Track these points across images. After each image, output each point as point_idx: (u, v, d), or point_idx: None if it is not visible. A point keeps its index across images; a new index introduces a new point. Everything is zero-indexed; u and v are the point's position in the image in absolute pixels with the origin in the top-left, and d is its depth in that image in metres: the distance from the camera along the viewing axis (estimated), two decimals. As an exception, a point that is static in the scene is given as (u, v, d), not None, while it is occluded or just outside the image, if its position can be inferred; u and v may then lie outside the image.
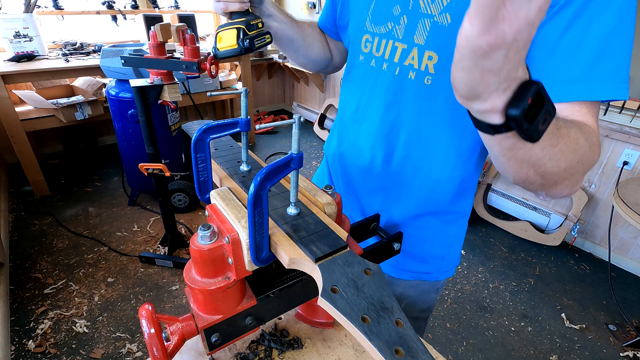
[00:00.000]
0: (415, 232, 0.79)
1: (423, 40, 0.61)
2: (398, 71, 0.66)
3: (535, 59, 0.51)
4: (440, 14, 0.57)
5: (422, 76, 0.63)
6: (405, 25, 0.62)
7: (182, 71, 1.59)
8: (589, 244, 2.50)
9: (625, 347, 1.83)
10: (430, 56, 0.61)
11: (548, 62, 0.50)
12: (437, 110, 0.65)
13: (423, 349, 0.34)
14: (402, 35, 0.63)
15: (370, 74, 0.72)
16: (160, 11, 3.33)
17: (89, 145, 3.38)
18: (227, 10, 0.68)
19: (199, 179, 0.60)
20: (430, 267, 0.85)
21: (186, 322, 0.54)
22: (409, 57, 0.63)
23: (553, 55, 0.50)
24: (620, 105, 2.06)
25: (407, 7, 0.62)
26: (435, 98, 0.64)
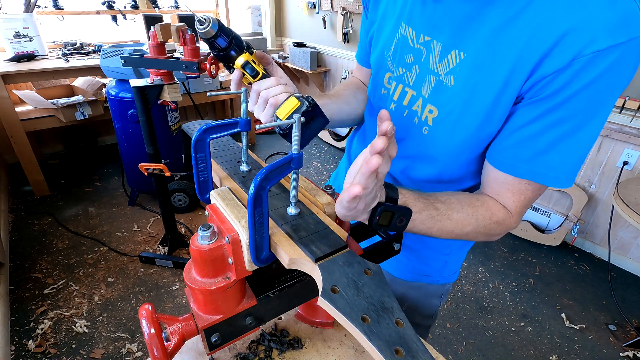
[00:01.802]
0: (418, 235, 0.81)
1: (427, 94, 0.65)
2: (406, 114, 0.70)
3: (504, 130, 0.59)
4: (446, 75, 0.61)
5: (422, 125, 0.67)
6: (416, 74, 0.66)
7: (182, 71, 1.59)
8: (589, 244, 2.50)
9: (625, 347, 1.83)
10: (431, 110, 0.65)
11: (506, 139, 0.59)
12: (429, 157, 0.69)
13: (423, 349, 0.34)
14: (413, 83, 0.67)
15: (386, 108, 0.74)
16: (160, 11, 3.33)
17: (89, 145, 3.38)
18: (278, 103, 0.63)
19: (199, 179, 0.60)
20: (431, 270, 0.86)
21: (186, 322, 0.54)
22: (416, 105, 0.67)
23: (514, 134, 0.57)
24: (620, 105, 2.06)
25: (419, 59, 0.65)
26: (428, 147, 0.68)
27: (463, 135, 0.62)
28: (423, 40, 0.64)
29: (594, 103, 0.51)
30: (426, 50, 0.63)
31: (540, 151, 0.55)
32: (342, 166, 0.99)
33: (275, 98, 0.63)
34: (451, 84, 0.61)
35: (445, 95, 0.62)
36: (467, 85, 0.59)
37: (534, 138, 0.55)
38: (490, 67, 0.56)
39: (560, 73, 0.50)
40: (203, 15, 0.62)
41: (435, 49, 0.62)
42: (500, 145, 0.60)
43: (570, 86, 0.50)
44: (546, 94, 0.52)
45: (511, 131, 0.58)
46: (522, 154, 0.57)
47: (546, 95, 0.52)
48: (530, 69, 0.52)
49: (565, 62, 0.49)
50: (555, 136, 0.54)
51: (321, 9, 3.68)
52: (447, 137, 0.64)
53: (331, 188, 0.61)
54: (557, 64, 0.50)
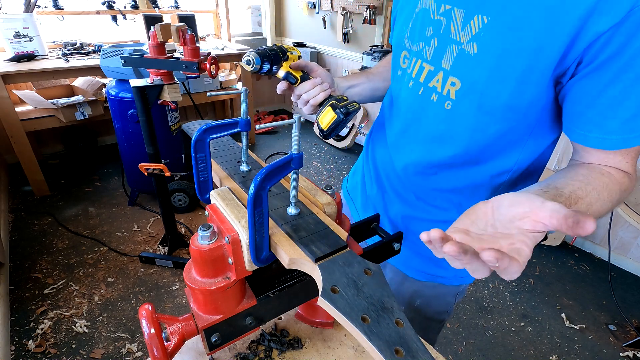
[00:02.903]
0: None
1: (449, 66, 0.61)
2: (422, 91, 0.67)
3: (571, 106, 0.55)
4: (468, 43, 0.58)
5: (443, 101, 0.64)
6: (435, 47, 0.63)
7: (182, 71, 1.59)
8: (589, 244, 2.50)
9: (625, 347, 1.83)
10: (454, 82, 0.61)
11: (585, 113, 0.54)
12: (452, 136, 0.66)
13: (423, 349, 0.34)
14: (431, 57, 0.64)
15: (401, 89, 0.73)
16: (160, 11, 3.33)
17: (89, 145, 3.38)
18: (317, 103, 0.74)
19: (199, 179, 0.60)
20: (444, 272, 0.84)
21: (186, 322, 0.54)
22: (434, 80, 0.64)
23: (591, 108, 0.52)
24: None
25: (438, 31, 0.62)
26: (453, 123, 0.64)
27: (491, 106, 0.59)
28: (444, 10, 0.60)
29: None
30: (446, 20, 0.60)
31: (630, 117, 0.51)
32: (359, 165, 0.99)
33: (314, 99, 0.74)
34: (474, 52, 0.57)
35: (467, 65, 0.59)
36: (492, 52, 0.55)
37: (617, 105, 0.51)
38: (517, 30, 0.52)
39: (620, 26, 0.46)
40: (246, 56, 0.71)
41: (457, 17, 0.59)
42: (579, 123, 0.55)
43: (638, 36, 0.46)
44: (611, 51, 0.48)
45: (586, 106, 0.53)
46: (608, 126, 0.52)
47: (612, 54, 0.48)
48: (575, 28, 0.48)
49: (623, 12, 0.45)
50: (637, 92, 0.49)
51: (321, 9, 3.68)
52: (473, 110, 0.61)
53: (331, 188, 0.61)
54: (614, 17, 0.46)
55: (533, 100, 0.57)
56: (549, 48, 0.51)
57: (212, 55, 1.60)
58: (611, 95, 0.51)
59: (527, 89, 0.55)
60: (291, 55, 0.77)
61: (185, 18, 2.67)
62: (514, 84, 0.55)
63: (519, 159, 0.67)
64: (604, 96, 0.51)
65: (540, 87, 0.55)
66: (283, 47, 0.76)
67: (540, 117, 0.61)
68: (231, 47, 3.39)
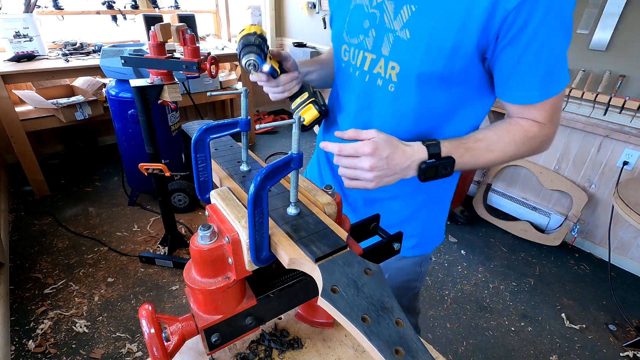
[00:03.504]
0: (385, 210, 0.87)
1: (388, 52, 0.69)
2: (368, 78, 0.75)
3: (499, 74, 0.66)
4: (402, 30, 0.66)
5: (387, 83, 0.72)
6: (373, 37, 0.71)
7: (182, 71, 1.59)
8: (589, 244, 2.50)
9: (625, 347, 1.83)
10: (394, 66, 0.69)
11: (510, 79, 0.65)
12: (401, 114, 0.74)
13: (423, 349, 0.34)
14: (371, 46, 0.72)
15: (347, 80, 0.81)
16: (160, 11, 3.33)
17: (89, 145, 3.38)
18: (291, 94, 0.84)
19: (199, 179, 0.60)
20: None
21: (186, 322, 0.54)
22: (377, 66, 0.72)
23: (514, 74, 0.64)
24: (620, 105, 2.06)
25: (374, 22, 0.70)
26: (399, 103, 0.73)
27: (428, 83, 0.68)
28: (376, 4, 0.69)
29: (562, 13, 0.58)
30: (380, 12, 0.69)
31: (544, 74, 0.63)
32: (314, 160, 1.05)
33: (290, 91, 0.83)
34: (407, 37, 0.66)
35: (403, 49, 0.67)
36: (422, 35, 0.64)
37: (534, 68, 0.62)
38: (441, 14, 0.61)
39: (522, 4, 0.56)
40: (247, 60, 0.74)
41: (389, 8, 0.67)
42: (506, 86, 0.66)
43: (537, 9, 0.56)
44: (519, 26, 0.58)
45: (509, 73, 0.64)
46: (530, 85, 0.64)
47: (520, 28, 0.58)
48: (489, 8, 0.57)
49: None
50: (549, 55, 0.61)
51: (321, 9, 3.68)
52: (413, 89, 0.69)
53: (331, 188, 0.61)
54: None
55: (463, 74, 0.66)
56: (470, 27, 0.60)
57: (212, 55, 1.60)
58: (526, 62, 0.61)
59: (456, 64, 0.64)
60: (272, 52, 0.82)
61: (185, 18, 2.67)
62: (445, 61, 0.64)
63: (460, 129, 0.76)
64: (522, 63, 0.62)
65: (468, 61, 0.64)
66: (263, 34, 0.77)
67: (471, 89, 0.71)
68: (231, 47, 3.39)
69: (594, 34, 2.09)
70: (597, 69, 2.14)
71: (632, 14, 1.95)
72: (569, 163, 2.43)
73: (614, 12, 1.99)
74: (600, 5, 2.03)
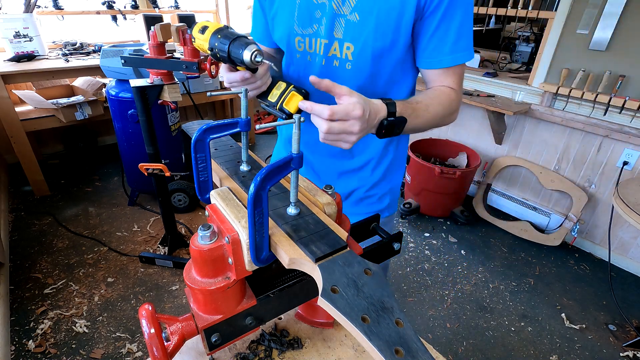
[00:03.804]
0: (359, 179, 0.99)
1: (341, 35, 0.78)
2: (324, 62, 0.82)
3: (420, 42, 0.78)
4: (351, 13, 0.76)
5: (344, 63, 0.81)
6: (325, 24, 0.79)
7: (182, 71, 1.59)
8: (589, 244, 2.50)
9: (625, 347, 1.83)
10: (349, 47, 0.79)
11: (429, 44, 0.78)
12: (358, 88, 0.78)
13: (423, 349, 0.34)
14: (325, 32, 0.80)
15: (304, 69, 0.87)
16: (160, 11, 3.33)
17: (89, 145, 3.38)
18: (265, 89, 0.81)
19: (199, 179, 0.60)
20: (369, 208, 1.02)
21: (186, 322, 0.54)
22: (332, 49, 0.80)
23: (431, 40, 0.77)
24: (620, 106, 2.06)
25: (324, 11, 0.78)
26: (356, 78, 0.81)
27: (379, 56, 0.78)
28: None
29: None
30: (328, 1, 0.77)
31: (453, 42, 0.76)
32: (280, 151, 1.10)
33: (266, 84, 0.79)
34: (357, 20, 0.76)
35: (355, 30, 0.77)
36: (370, 16, 0.74)
37: (445, 35, 0.76)
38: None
39: None
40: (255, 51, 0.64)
41: None
42: (426, 53, 0.79)
43: None
44: (437, 2, 0.72)
45: (428, 39, 0.77)
46: (443, 50, 0.77)
47: (437, 3, 0.72)
48: None
49: None
50: (457, 27, 0.75)
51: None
52: (368, 64, 0.79)
53: (331, 188, 0.61)
54: None
55: (405, 45, 0.78)
56: (407, 4, 0.72)
57: (212, 55, 1.60)
58: (441, 30, 0.75)
59: (400, 37, 0.76)
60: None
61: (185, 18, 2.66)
62: (392, 36, 0.76)
63: (400, 96, 0.88)
64: (437, 31, 0.75)
65: (408, 34, 0.76)
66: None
67: (410, 59, 0.83)
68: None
69: (594, 34, 2.09)
70: (597, 69, 2.14)
71: (632, 14, 1.95)
72: (569, 163, 2.43)
73: (614, 12, 1.99)
74: (600, 5, 2.03)
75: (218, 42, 0.67)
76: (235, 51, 0.65)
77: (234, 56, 0.65)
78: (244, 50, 0.63)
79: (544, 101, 2.40)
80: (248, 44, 0.64)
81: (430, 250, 2.44)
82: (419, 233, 2.60)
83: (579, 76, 2.18)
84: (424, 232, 2.61)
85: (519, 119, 2.57)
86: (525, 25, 2.85)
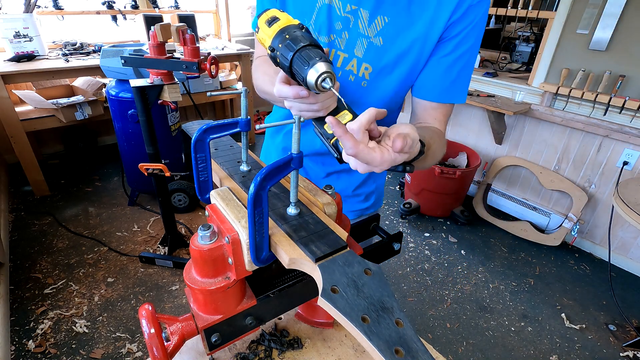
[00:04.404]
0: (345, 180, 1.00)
1: (361, 54, 0.78)
2: (340, 74, 0.81)
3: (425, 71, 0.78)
4: (375, 37, 0.75)
5: (360, 80, 0.80)
6: (346, 39, 0.78)
7: (182, 71, 1.59)
8: (589, 244, 2.50)
9: (625, 347, 1.83)
10: (367, 67, 0.79)
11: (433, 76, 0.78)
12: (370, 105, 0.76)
13: (423, 349, 0.34)
14: (344, 47, 0.79)
15: None
16: (160, 11, 3.33)
17: (89, 145, 3.38)
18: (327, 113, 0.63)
19: (199, 179, 0.60)
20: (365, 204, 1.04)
21: (186, 322, 0.54)
22: (349, 65, 0.79)
23: (436, 70, 0.77)
24: (620, 106, 2.06)
25: (348, 26, 0.76)
26: (369, 96, 0.82)
27: (396, 82, 0.79)
28: (350, 9, 0.75)
29: (477, 40, 0.75)
30: (354, 17, 0.75)
31: (454, 79, 0.77)
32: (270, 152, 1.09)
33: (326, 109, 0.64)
34: (381, 44, 0.75)
35: (376, 54, 0.77)
36: (394, 43, 0.75)
37: (449, 70, 0.76)
38: (409, 27, 0.73)
39: (462, 18, 0.71)
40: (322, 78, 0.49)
41: (364, 16, 0.75)
42: (427, 83, 0.79)
43: (467, 27, 0.72)
44: (453, 34, 0.73)
45: (433, 68, 0.77)
46: (444, 84, 0.77)
47: (453, 35, 0.73)
48: (445, 23, 0.71)
49: (464, 10, 0.70)
50: (461, 65, 0.76)
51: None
52: (383, 86, 0.80)
53: (331, 188, 0.61)
54: (460, 13, 0.70)
55: (418, 74, 0.79)
56: (431, 37, 0.73)
57: (212, 55, 1.60)
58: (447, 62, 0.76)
59: (418, 68, 0.77)
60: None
61: (185, 18, 2.67)
62: (410, 65, 0.76)
63: (397, 115, 0.92)
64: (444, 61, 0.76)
65: (424, 64, 0.77)
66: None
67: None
68: (231, 47, 3.39)
69: (594, 34, 2.09)
70: (597, 69, 2.14)
71: (632, 14, 1.95)
72: (569, 163, 2.43)
73: (614, 12, 1.99)
74: (600, 5, 2.03)
75: (282, 45, 0.51)
76: (299, 65, 0.50)
77: (295, 70, 0.51)
78: (310, 69, 0.49)
79: (544, 101, 2.40)
80: (317, 61, 0.49)
81: (430, 250, 2.44)
82: (419, 233, 2.60)
83: (579, 76, 2.18)
84: (424, 232, 2.61)
85: (519, 119, 2.57)
86: (525, 25, 2.85)
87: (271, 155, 1.08)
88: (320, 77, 0.49)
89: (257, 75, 0.85)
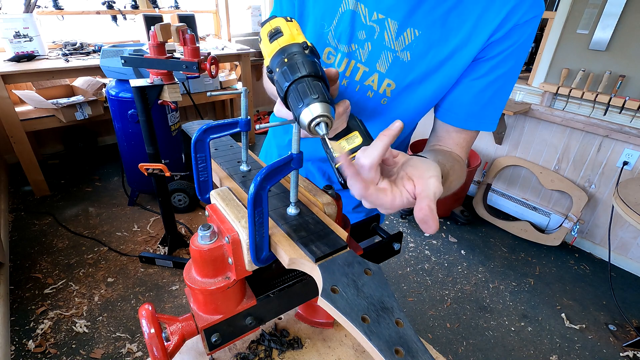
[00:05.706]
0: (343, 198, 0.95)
1: (385, 69, 0.69)
2: (358, 89, 0.73)
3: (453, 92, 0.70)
4: (402, 51, 0.67)
5: (380, 97, 0.73)
6: (369, 51, 0.69)
7: (182, 71, 1.59)
8: (589, 244, 2.50)
9: (625, 347, 1.83)
10: (389, 84, 0.71)
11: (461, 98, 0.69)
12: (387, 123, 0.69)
13: (423, 349, 0.34)
14: (365, 59, 0.70)
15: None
16: (160, 11, 3.33)
17: (89, 145, 3.38)
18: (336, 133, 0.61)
19: (199, 179, 0.60)
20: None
21: (186, 322, 0.54)
22: (369, 80, 0.72)
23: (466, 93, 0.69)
24: (620, 106, 2.06)
25: (372, 36, 0.68)
26: (387, 115, 0.75)
27: (419, 102, 0.71)
28: (377, 18, 0.66)
29: (517, 63, 0.66)
30: (380, 27, 0.67)
31: (484, 105, 0.68)
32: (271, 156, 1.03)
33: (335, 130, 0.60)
34: (408, 59, 0.67)
35: (402, 70, 0.68)
36: (423, 60, 0.66)
37: (481, 94, 0.67)
38: (442, 44, 0.64)
39: (505, 38, 0.62)
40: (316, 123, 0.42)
41: (391, 27, 0.66)
42: (455, 105, 0.70)
43: (509, 48, 0.63)
44: (491, 54, 0.64)
45: (463, 90, 0.68)
46: (472, 109, 0.69)
47: (491, 56, 0.64)
48: (484, 42, 0.63)
49: (508, 29, 0.61)
50: (494, 90, 0.67)
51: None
52: (405, 105, 0.73)
53: (331, 188, 0.61)
54: (503, 32, 0.62)
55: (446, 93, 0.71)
56: (466, 54, 0.64)
57: (212, 55, 1.60)
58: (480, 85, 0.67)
59: (447, 87, 0.69)
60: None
61: (185, 18, 2.67)
62: (438, 85, 0.68)
63: (411, 135, 0.87)
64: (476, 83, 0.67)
65: (452, 84, 0.69)
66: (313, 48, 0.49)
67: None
68: (231, 47, 3.39)
69: (594, 34, 2.09)
70: (597, 69, 2.14)
71: (632, 14, 1.95)
72: (569, 163, 2.43)
73: (614, 12, 1.99)
74: (600, 5, 2.03)
75: (279, 70, 0.46)
76: (293, 100, 0.44)
77: (290, 104, 0.45)
78: (304, 108, 0.42)
79: (544, 101, 2.40)
80: (313, 101, 0.42)
81: (430, 250, 2.44)
82: (419, 233, 2.60)
83: (579, 76, 2.18)
84: (424, 232, 2.61)
85: (519, 118, 2.57)
86: (525, 25, 2.85)
87: (271, 155, 1.06)
88: (314, 120, 0.42)
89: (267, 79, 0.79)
